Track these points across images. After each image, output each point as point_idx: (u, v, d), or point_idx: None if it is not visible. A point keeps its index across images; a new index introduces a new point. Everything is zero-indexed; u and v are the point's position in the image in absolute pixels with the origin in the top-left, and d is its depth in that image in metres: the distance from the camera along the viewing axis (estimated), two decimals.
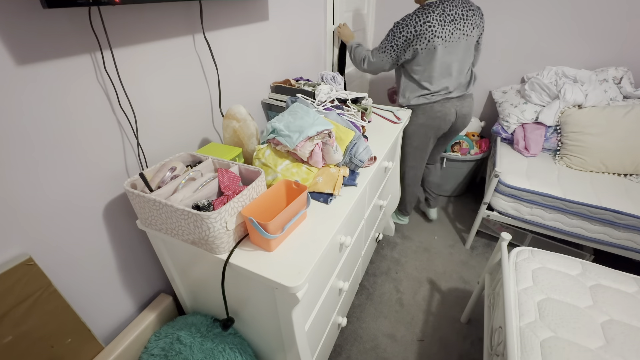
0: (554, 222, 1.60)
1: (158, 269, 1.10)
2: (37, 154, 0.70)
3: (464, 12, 1.42)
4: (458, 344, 1.45)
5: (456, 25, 1.42)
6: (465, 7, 1.43)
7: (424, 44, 1.42)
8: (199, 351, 0.89)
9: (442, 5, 1.39)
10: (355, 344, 1.46)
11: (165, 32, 0.91)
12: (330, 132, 0.95)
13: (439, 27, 1.39)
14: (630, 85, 1.86)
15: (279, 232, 0.76)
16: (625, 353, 0.84)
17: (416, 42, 1.42)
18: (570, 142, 1.76)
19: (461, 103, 1.62)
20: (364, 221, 1.28)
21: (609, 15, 1.83)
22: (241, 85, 1.28)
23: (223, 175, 0.81)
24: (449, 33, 1.41)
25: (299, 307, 0.78)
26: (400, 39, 1.44)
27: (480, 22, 1.49)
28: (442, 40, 1.41)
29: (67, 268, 0.82)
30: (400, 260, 1.89)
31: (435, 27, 1.38)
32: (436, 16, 1.38)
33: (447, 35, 1.41)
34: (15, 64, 0.63)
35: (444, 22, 1.39)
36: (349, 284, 1.24)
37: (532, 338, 0.89)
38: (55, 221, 0.77)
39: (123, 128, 0.87)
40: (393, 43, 1.48)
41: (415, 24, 1.39)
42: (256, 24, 1.26)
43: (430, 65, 1.48)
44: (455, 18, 1.41)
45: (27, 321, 0.72)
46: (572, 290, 1.02)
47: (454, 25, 1.41)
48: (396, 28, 1.45)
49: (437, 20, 1.38)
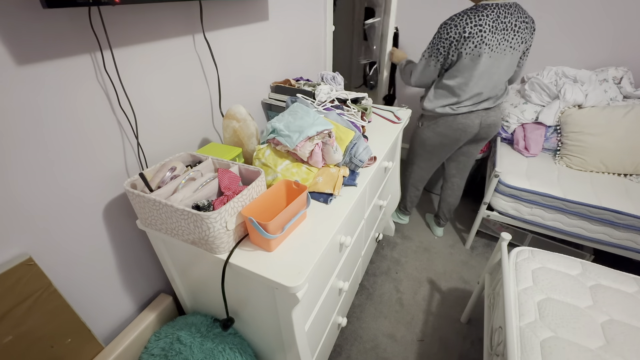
0: (554, 222, 1.60)
1: (158, 269, 1.10)
2: (37, 154, 0.70)
3: (518, 23, 1.30)
4: (458, 344, 1.45)
5: (506, 35, 1.30)
6: (520, 17, 1.31)
7: (470, 49, 1.30)
8: (199, 351, 0.89)
9: (498, 10, 1.26)
10: (355, 344, 1.46)
11: (165, 32, 0.91)
12: (330, 132, 0.95)
13: (489, 33, 1.27)
14: (630, 85, 1.86)
15: (279, 232, 0.76)
16: (625, 353, 0.84)
17: (463, 45, 1.30)
18: (570, 142, 1.77)
19: (487, 113, 1.52)
20: (364, 221, 1.28)
21: (608, 15, 1.83)
22: (241, 85, 1.28)
23: (223, 175, 0.81)
24: (497, 42, 1.30)
25: (299, 307, 0.78)
26: (447, 40, 1.32)
27: (530, 37, 1.38)
28: (489, 48, 1.30)
29: (67, 268, 0.82)
30: (400, 260, 1.89)
31: (486, 32, 1.27)
32: (490, 21, 1.26)
33: (494, 44, 1.30)
34: (15, 64, 0.63)
35: (496, 30, 1.27)
36: (349, 284, 1.24)
37: (532, 338, 0.89)
38: (55, 221, 0.77)
39: (123, 128, 0.87)
40: (440, 45, 1.35)
41: (466, 25, 1.27)
42: (256, 24, 1.26)
43: (469, 74, 1.37)
44: (507, 27, 1.29)
45: (27, 321, 0.72)
46: (572, 290, 1.02)
47: (504, 34, 1.30)
48: (443, 29, 1.32)
49: (489, 26, 1.26)
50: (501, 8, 1.28)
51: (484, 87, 1.41)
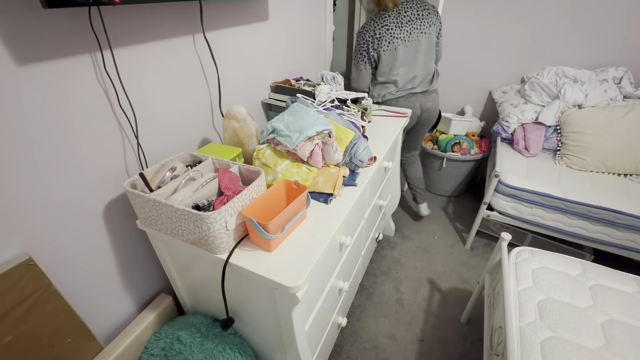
0: (554, 222, 1.60)
1: (158, 269, 1.10)
2: (37, 154, 0.70)
3: (419, 12, 1.51)
4: (458, 344, 1.45)
5: (413, 25, 1.50)
6: (419, 7, 1.51)
7: (385, 46, 1.52)
8: (199, 351, 0.89)
9: (397, 9, 1.49)
10: (355, 344, 1.46)
11: (165, 32, 0.91)
12: (330, 132, 0.95)
13: (396, 28, 1.49)
14: (630, 85, 1.86)
15: (279, 232, 0.76)
16: (625, 353, 0.84)
17: (378, 45, 1.52)
18: (570, 142, 1.76)
19: (425, 98, 1.70)
20: (364, 221, 1.28)
21: (608, 15, 1.83)
22: (241, 85, 1.28)
23: (223, 175, 0.81)
24: (407, 33, 1.50)
25: (299, 307, 0.78)
26: (364, 44, 1.55)
27: (436, 19, 1.56)
28: (402, 40, 1.51)
29: (67, 268, 0.82)
30: (400, 260, 1.89)
31: (393, 29, 1.48)
32: (392, 19, 1.48)
33: (405, 36, 1.50)
34: (16, 64, 0.63)
35: (401, 24, 1.49)
36: (349, 284, 1.24)
37: (532, 338, 0.89)
38: (56, 221, 0.77)
39: (123, 128, 0.87)
40: (361, 50, 1.58)
41: (374, 29, 1.49)
42: (256, 24, 1.26)
43: (394, 65, 1.56)
44: (412, 19, 1.50)
45: (27, 321, 0.72)
46: (572, 290, 1.02)
47: (411, 25, 1.50)
48: (359, 36, 1.56)
49: (394, 23, 1.48)
50: (399, 6, 1.49)
51: (414, 71, 1.60)
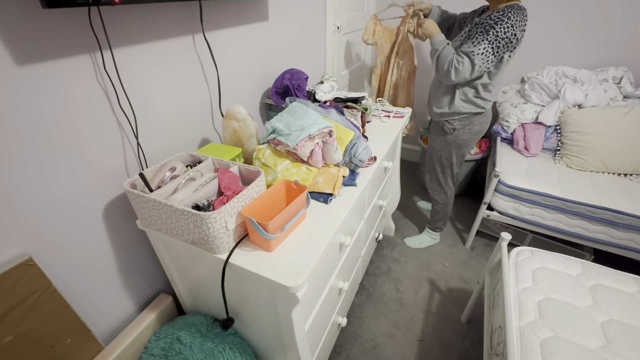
0: (554, 222, 1.60)
1: (158, 269, 1.10)
2: (37, 154, 0.70)
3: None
4: (458, 344, 1.45)
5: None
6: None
7: (513, 52, 1.24)
8: (199, 351, 0.89)
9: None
10: (355, 344, 1.46)
11: (165, 32, 0.91)
12: (330, 131, 0.96)
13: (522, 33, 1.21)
14: (630, 85, 1.86)
15: (278, 232, 0.76)
16: (625, 353, 0.84)
17: (511, 48, 1.22)
18: (570, 142, 1.77)
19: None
20: (364, 221, 1.28)
21: (608, 15, 1.83)
22: (241, 85, 1.28)
23: (223, 175, 0.81)
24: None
25: (298, 307, 0.78)
26: (503, 40, 1.18)
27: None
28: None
29: (67, 268, 0.82)
30: (400, 260, 1.89)
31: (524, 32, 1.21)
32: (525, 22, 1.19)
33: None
34: (16, 64, 0.63)
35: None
36: (349, 284, 1.24)
37: (532, 338, 0.89)
38: (56, 221, 0.77)
39: (123, 128, 0.87)
40: (494, 44, 1.19)
41: (520, 26, 1.17)
42: (256, 24, 1.26)
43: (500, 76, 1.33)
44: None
45: (27, 321, 0.72)
46: (572, 290, 1.02)
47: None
48: (499, 27, 1.17)
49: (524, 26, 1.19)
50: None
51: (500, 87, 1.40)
